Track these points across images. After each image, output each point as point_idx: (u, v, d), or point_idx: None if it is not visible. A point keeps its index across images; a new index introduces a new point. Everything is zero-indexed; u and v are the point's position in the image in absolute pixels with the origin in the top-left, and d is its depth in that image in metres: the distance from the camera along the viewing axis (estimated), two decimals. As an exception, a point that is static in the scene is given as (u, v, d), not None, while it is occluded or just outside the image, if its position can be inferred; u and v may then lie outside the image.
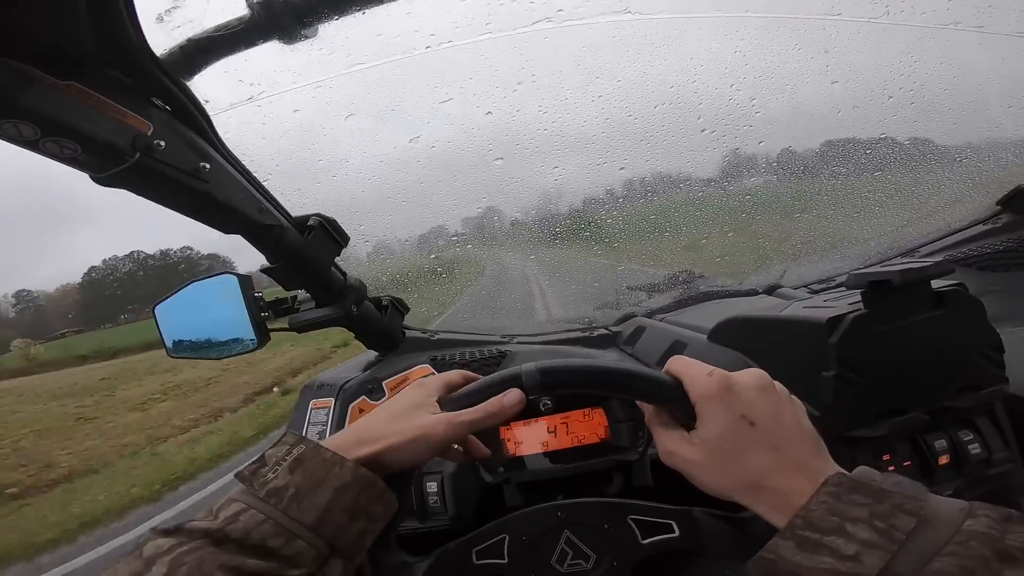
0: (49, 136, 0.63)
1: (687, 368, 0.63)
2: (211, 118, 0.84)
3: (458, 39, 1.06)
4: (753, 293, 1.57)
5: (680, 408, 0.62)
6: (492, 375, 0.70)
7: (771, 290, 1.53)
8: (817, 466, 0.54)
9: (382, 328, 1.34)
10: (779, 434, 0.56)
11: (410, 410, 0.66)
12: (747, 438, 0.56)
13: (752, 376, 0.61)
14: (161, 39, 0.77)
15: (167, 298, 1.13)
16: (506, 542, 0.77)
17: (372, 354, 1.45)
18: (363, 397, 1.28)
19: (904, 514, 0.47)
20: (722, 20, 1.35)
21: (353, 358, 1.52)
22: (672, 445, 0.62)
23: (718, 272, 1.82)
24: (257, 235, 0.97)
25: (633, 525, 0.75)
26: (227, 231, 0.93)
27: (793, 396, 0.62)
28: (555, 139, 1.46)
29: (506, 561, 0.77)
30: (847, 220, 1.70)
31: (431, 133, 1.33)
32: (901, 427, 0.87)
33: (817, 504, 0.50)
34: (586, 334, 1.58)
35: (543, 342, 1.54)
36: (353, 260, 1.26)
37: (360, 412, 1.25)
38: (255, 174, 0.94)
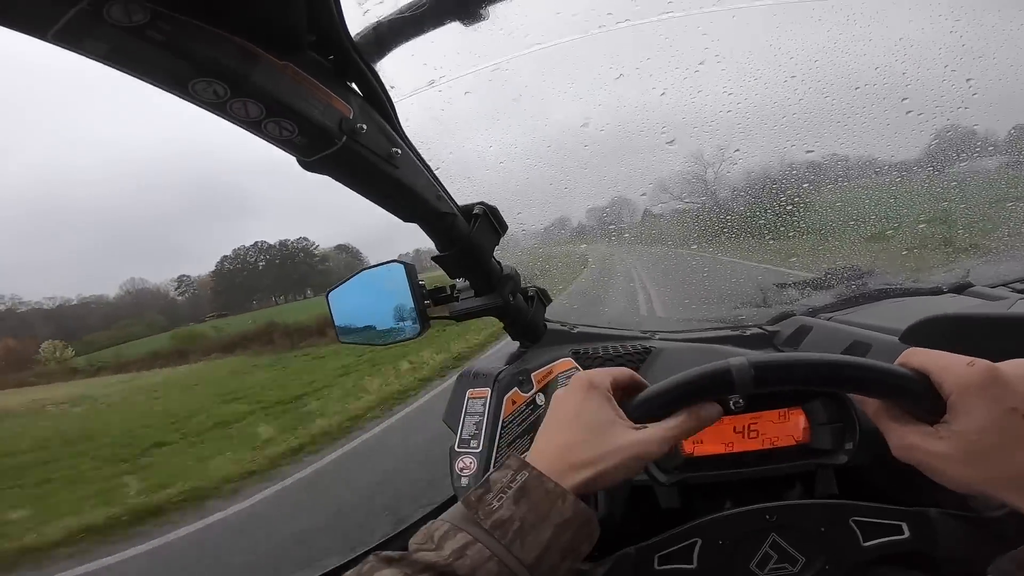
0: (272, 116, 0.63)
1: (935, 359, 0.58)
2: (395, 104, 0.83)
3: (636, 18, 1.00)
4: (939, 292, 1.40)
5: (924, 403, 0.57)
6: (691, 371, 0.64)
7: (960, 288, 1.37)
8: None
9: (528, 319, 1.32)
10: None
11: (608, 426, 0.63)
12: (1019, 431, 0.52)
13: (1021, 367, 0.55)
14: (355, 20, 0.77)
15: (339, 285, 1.18)
16: (697, 546, 0.73)
17: (513, 346, 1.43)
18: (515, 389, 1.25)
19: None
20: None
21: (495, 347, 1.51)
22: (914, 439, 0.57)
23: (895, 267, 1.65)
24: (434, 223, 0.97)
25: (855, 527, 0.70)
26: (407, 218, 0.93)
27: None
28: (738, 121, 1.37)
29: (694, 566, 0.73)
30: None
31: (601, 116, 1.29)
32: None
33: None
34: (737, 332, 1.47)
35: (688, 339, 1.45)
36: (508, 248, 1.24)
37: (513, 404, 1.22)
38: (429, 162, 0.93)
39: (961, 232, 1.68)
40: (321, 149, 0.69)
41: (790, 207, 1.57)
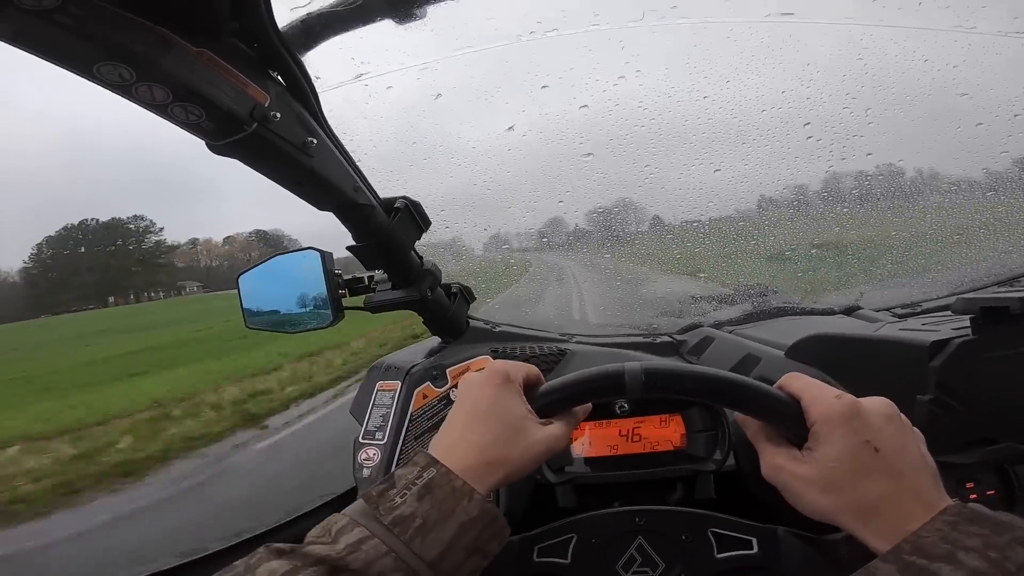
0: (179, 101, 0.63)
1: (808, 387, 0.62)
2: (319, 94, 0.83)
3: (564, 28, 1.03)
4: (830, 312, 1.51)
5: (792, 427, 0.61)
6: (589, 371, 0.68)
7: (850, 311, 1.48)
8: (934, 497, 0.54)
9: (449, 315, 1.34)
10: (901, 463, 0.56)
11: (522, 422, 0.64)
12: (869, 463, 0.55)
13: (880, 404, 0.59)
14: (284, 12, 0.77)
15: (250, 268, 1.15)
16: (572, 542, 0.76)
17: (435, 341, 1.44)
18: (428, 383, 1.26)
19: (1023, 547, 0.46)
20: (849, 29, 1.29)
21: (416, 344, 1.52)
22: (781, 460, 0.61)
23: (793, 288, 1.76)
24: (349, 213, 0.98)
25: (712, 538, 0.74)
26: (321, 207, 0.94)
27: (915, 428, 0.61)
28: (651, 136, 1.42)
29: (568, 561, 0.75)
30: (944, 243, 1.63)
31: (525, 122, 1.31)
32: (992, 456, 0.87)
33: (931, 531, 0.50)
34: (648, 340, 1.55)
35: (603, 343, 1.51)
36: (428, 245, 1.24)
37: (424, 398, 1.24)
38: (352, 153, 0.94)
39: (850, 258, 1.81)
40: (229, 134, 0.70)
41: (695, 223, 1.65)
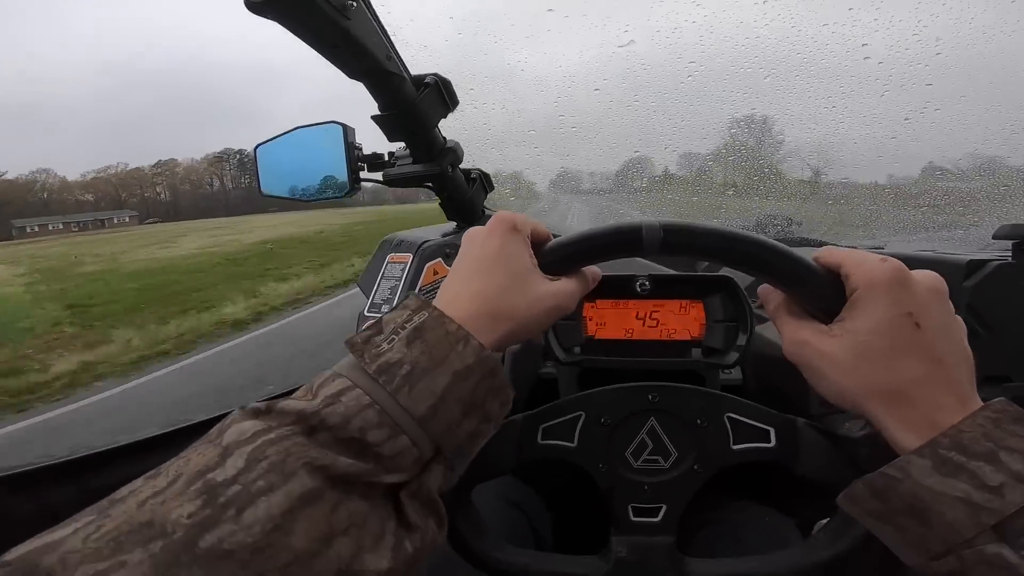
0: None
1: (850, 254, 0.54)
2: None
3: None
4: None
5: (827, 297, 0.55)
6: (604, 226, 0.61)
7: (874, 249, 1.48)
8: (969, 391, 0.48)
9: (467, 198, 1.33)
10: (943, 346, 0.49)
11: (529, 274, 0.57)
12: (907, 339, 0.49)
13: (930, 277, 0.52)
14: None
15: (270, 140, 1.14)
16: (580, 421, 0.69)
17: (449, 226, 1.44)
18: (439, 259, 1.25)
19: None
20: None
21: (431, 226, 1.51)
22: (806, 335, 0.54)
23: (816, 222, 1.75)
24: (379, 81, 0.96)
25: (728, 425, 0.68)
26: (352, 74, 0.92)
27: (957, 316, 0.54)
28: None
29: (574, 444, 0.69)
30: (986, 199, 1.61)
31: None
32: (1008, 394, 0.81)
33: (972, 426, 0.44)
34: None
35: None
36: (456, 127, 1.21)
37: (434, 274, 1.23)
38: (387, 27, 0.92)
39: (882, 199, 1.78)
40: None
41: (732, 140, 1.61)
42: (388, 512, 0.45)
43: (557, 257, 0.61)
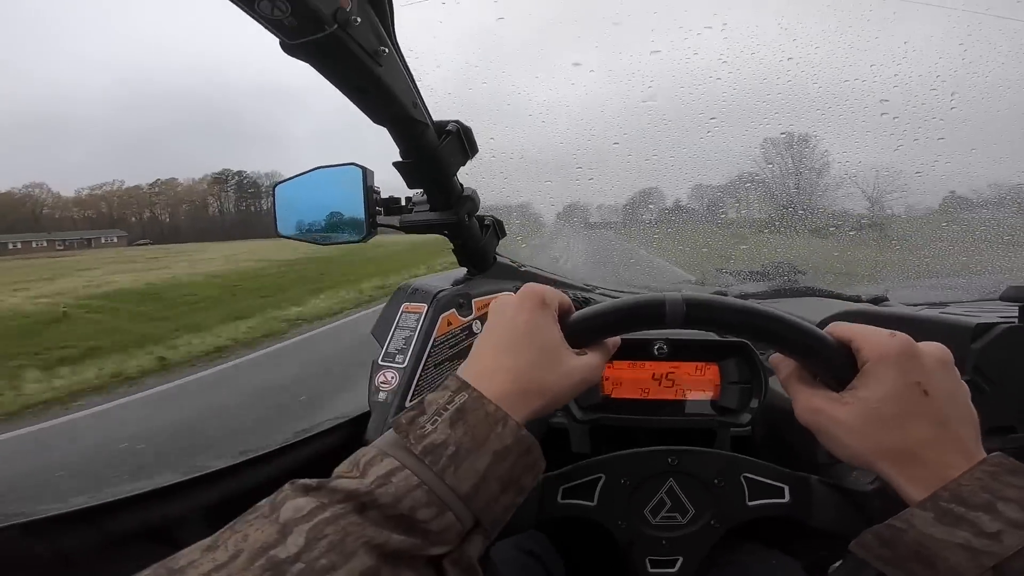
0: (269, -7, 0.60)
1: (860, 329, 0.59)
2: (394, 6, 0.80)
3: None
4: (857, 299, 1.50)
5: (837, 367, 0.58)
6: (628, 298, 0.64)
7: (877, 301, 1.47)
8: (974, 449, 0.53)
9: (480, 246, 1.32)
10: (949, 410, 0.54)
11: (558, 349, 0.60)
12: (916, 405, 0.53)
13: (936, 348, 0.57)
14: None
15: (288, 179, 1.13)
16: (600, 482, 0.72)
17: (460, 273, 1.42)
18: (453, 310, 1.24)
19: None
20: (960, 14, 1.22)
21: (442, 273, 1.49)
22: (819, 402, 0.58)
23: (822, 271, 1.75)
24: (403, 128, 0.95)
25: (744, 484, 0.71)
26: (378, 119, 0.91)
27: (962, 380, 0.58)
28: (723, 90, 1.35)
29: (594, 504, 0.72)
30: (990, 246, 1.60)
31: (595, 59, 1.24)
32: (1012, 444, 0.87)
33: (970, 479, 0.49)
34: None
35: None
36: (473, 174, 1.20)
37: (448, 325, 1.21)
38: (413, 71, 0.91)
39: (887, 248, 1.78)
40: (309, 33, 0.66)
41: (747, 185, 1.61)
42: None
43: (582, 329, 0.63)
